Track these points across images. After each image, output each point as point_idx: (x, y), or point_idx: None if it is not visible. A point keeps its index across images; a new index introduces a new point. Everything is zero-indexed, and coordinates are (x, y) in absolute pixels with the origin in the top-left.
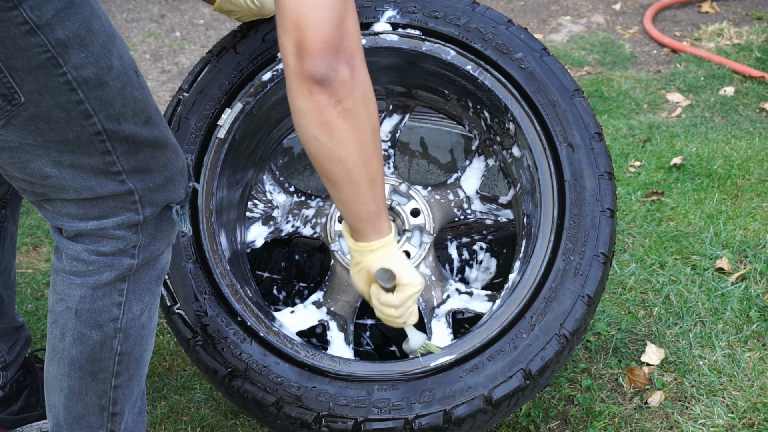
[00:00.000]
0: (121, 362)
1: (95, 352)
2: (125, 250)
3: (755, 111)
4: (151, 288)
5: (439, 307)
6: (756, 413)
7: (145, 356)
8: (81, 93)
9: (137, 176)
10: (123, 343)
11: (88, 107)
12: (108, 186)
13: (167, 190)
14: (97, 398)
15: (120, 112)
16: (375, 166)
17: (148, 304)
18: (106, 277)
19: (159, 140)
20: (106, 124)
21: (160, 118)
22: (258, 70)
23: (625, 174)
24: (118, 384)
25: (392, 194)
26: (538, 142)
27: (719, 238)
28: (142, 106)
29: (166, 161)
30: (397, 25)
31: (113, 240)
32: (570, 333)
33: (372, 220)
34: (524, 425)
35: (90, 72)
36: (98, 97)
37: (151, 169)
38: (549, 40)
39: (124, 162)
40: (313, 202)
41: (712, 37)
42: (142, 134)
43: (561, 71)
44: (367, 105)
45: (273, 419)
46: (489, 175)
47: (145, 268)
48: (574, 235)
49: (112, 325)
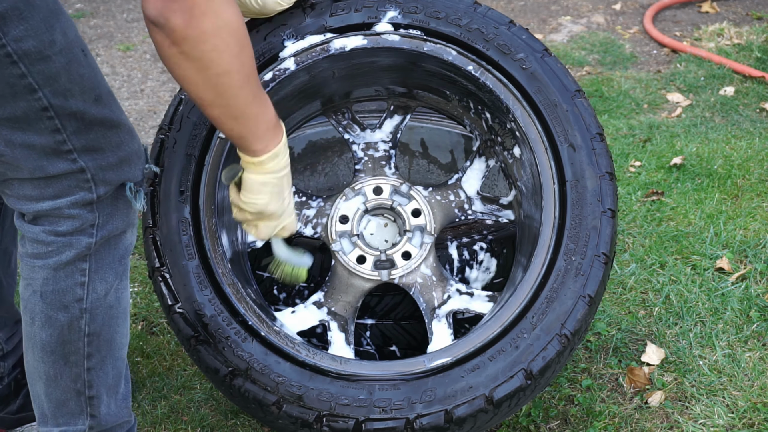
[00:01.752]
0: (91, 343)
1: (64, 334)
2: (83, 229)
3: (755, 111)
4: (115, 267)
5: (440, 308)
6: (756, 413)
7: (117, 338)
8: (23, 66)
9: (89, 155)
10: (90, 324)
11: (32, 81)
12: (59, 165)
13: (121, 170)
14: (71, 382)
15: (66, 87)
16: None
17: (113, 285)
18: (65, 257)
19: (110, 120)
20: (52, 100)
21: (112, 99)
22: (259, 70)
23: (625, 174)
24: (90, 366)
25: (393, 194)
26: (539, 143)
27: (719, 238)
28: (90, 84)
29: (119, 141)
30: (399, 25)
31: (69, 219)
32: (571, 333)
33: (239, 143)
34: (524, 425)
35: (30, 45)
36: (41, 71)
37: (103, 148)
38: (549, 40)
39: (74, 140)
40: (314, 203)
41: (713, 37)
42: (91, 112)
43: (562, 72)
44: (219, 51)
45: (274, 419)
46: (489, 176)
47: (106, 248)
48: (576, 235)
49: (78, 305)
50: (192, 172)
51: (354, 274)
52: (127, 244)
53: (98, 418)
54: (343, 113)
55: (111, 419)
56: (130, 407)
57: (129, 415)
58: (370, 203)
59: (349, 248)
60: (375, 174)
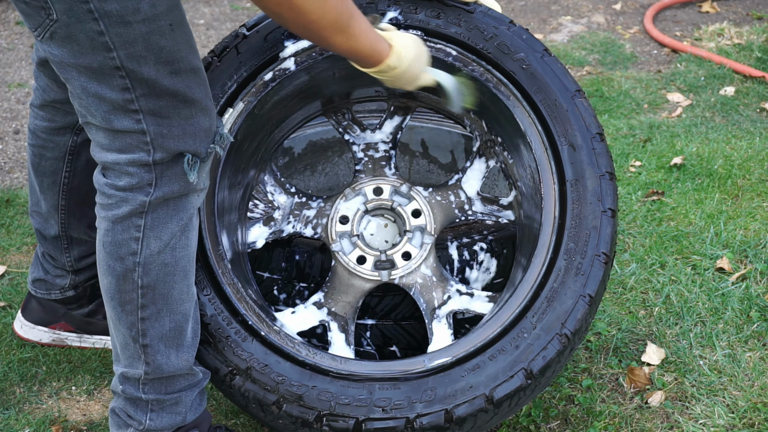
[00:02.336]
0: (144, 295)
1: (120, 283)
2: (140, 187)
3: (756, 111)
4: (171, 228)
5: (440, 308)
6: (756, 413)
7: (175, 293)
8: (102, 25)
9: (154, 119)
10: (143, 277)
11: (108, 40)
12: (124, 122)
13: (183, 141)
14: (127, 329)
15: (141, 54)
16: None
17: (169, 243)
18: (122, 211)
19: (184, 95)
20: (125, 62)
21: (194, 75)
22: (260, 70)
23: (625, 174)
24: (144, 316)
25: (393, 195)
26: (539, 143)
27: (720, 238)
28: (168, 57)
29: (189, 115)
30: (399, 25)
31: (127, 176)
32: (571, 333)
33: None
34: (525, 425)
35: (113, 7)
36: (119, 33)
37: (170, 116)
38: (549, 40)
39: (142, 102)
40: (314, 203)
41: (713, 37)
42: (163, 82)
43: (562, 72)
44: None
45: (274, 418)
46: (489, 176)
47: (164, 207)
48: (576, 235)
49: (132, 258)
50: None
51: (354, 274)
52: (189, 207)
53: (153, 365)
54: (343, 114)
55: (169, 368)
56: (192, 360)
57: (190, 368)
58: (371, 204)
59: (350, 249)
60: (375, 174)
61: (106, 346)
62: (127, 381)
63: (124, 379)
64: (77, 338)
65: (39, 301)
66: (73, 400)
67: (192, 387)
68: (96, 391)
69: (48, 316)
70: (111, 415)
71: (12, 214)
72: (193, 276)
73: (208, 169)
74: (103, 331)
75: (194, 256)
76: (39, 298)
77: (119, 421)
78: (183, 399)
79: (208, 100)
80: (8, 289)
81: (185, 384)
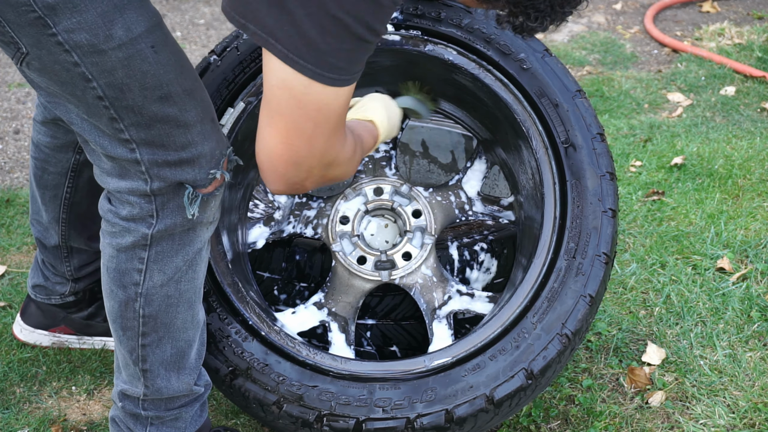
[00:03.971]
0: (146, 324)
1: (121, 309)
2: (141, 218)
3: (756, 111)
4: (176, 263)
5: (441, 309)
6: (757, 413)
7: (178, 322)
8: (75, 56)
9: (148, 148)
10: (145, 307)
11: (85, 71)
12: (118, 150)
13: (180, 170)
14: (127, 352)
15: (123, 82)
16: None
17: (173, 278)
18: (125, 241)
19: (176, 120)
20: (107, 91)
21: (188, 98)
22: (260, 70)
23: (625, 174)
24: (145, 343)
25: (394, 195)
26: (540, 143)
27: (720, 237)
28: (154, 82)
29: (186, 142)
30: (400, 25)
31: (129, 205)
32: (572, 333)
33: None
34: (525, 425)
35: (82, 38)
36: (95, 63)
37: (165, 145)
38: (550, 40)
39: (133, 132)
40: (314, 203)
41: (713, 36)
42: (151, 109)
43: (563, 72)
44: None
45: (274, 418)
46: (489, 176)
47: (168, 241)
48: (576, 235)
49: (134, 288)
50: None
51: (354, 274)
52: (196, 241)
53: (152, 388)
54: None
55: (169, 391)
56: (192, 382)
57: (190, 390)
58: (371, 204)
59: (350, 249)
60: (375, 175)
61: (106, 346)
62: (127, 398)
63: (123, 396)
64: (77, 340)
65: (38, 306)
66: (73, 400)
67: (193, 402)
68: (96, 391)
69: (48, 320)
70: (111, 424)
71: (12, 214)
72: (200, 303)
73: (217, 203)
74: (102, 332)
75: (201, 286)
76: (38, 302)
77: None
78: (183, 415)
79: (208, 122)
80: (8, 289)
81: (186, 401)
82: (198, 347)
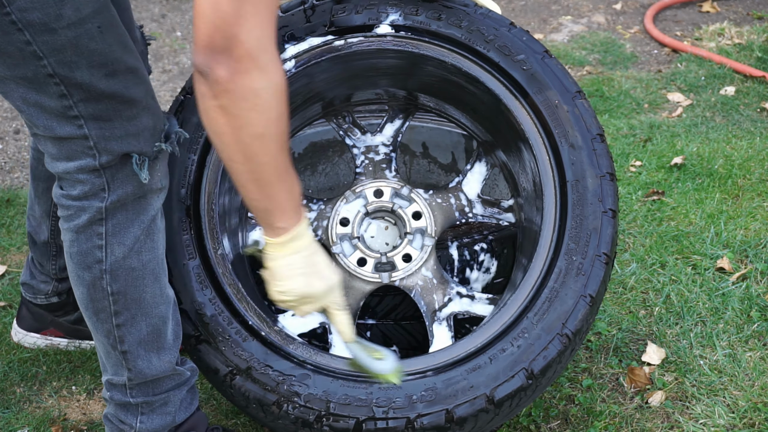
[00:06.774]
0: (117, 302)
1: (90, 293)
2: (94, 194)
3: (756, 111)
4: (134, 232)
5: (441, 311)
6: (757, 413)
7: (147, 297)
8: (27, 34)
9: (95, 123)
10: (112, 284)
11: (36, 49)
12: (66, 128)
13: (126, 142)
14: (105, 337)
15: (72, 60)
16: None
17: (133, 248)
18: (82, 220)
19: (122, 96)
20: (57, 69)
21: (131, 75)
22: None
23: (625, 174)
24: (119, 323)
25: (394, 197)
26: (540, 144)
27: (720, 237)
28: (101, 59)
29: (131, 116)
30: (400, 27)
31: (80, 184)
32: (572, 333)
33: (262, 217)
34: (525, 425)
35: (35, 17)
36: (46, 41)
37: (111, 119)
38: (550, 40)
39: (81, 108)
40: (314, 206)
41: (713, 36)
42: (98, 85)
43: (562, 73)
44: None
45: (274, 418)
46: (490, 178)
47: (122, 212)
48: (576, 235)
49: (98, 266)
50: (193, 173)
51: (355, 276)
52: (149, 208)
53: (135, 371)
54: (343, 117)
55: (152, 372)
56: (176, 361)
57: (173, 369)
58: (371, 206)
59: (350, 251)
60: (375, 177)
61: None
62: (114, 387)
63: (110, 386)
64: (68, 344)
65: (28, 308)
66: (73, 400)
67: (180, 386)
68: (96, 391)
69: (37, 323)
70: (105, 422)
71: (12, 214)
72: (166, 278)
73: (164, 167)
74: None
75: (163, 258)
76: (28, 303)
77: (113, 427)
78: (171, 399)
79: (150, 98)
80: (8, 289)
81: (172, 384)
82: (173, 327)
